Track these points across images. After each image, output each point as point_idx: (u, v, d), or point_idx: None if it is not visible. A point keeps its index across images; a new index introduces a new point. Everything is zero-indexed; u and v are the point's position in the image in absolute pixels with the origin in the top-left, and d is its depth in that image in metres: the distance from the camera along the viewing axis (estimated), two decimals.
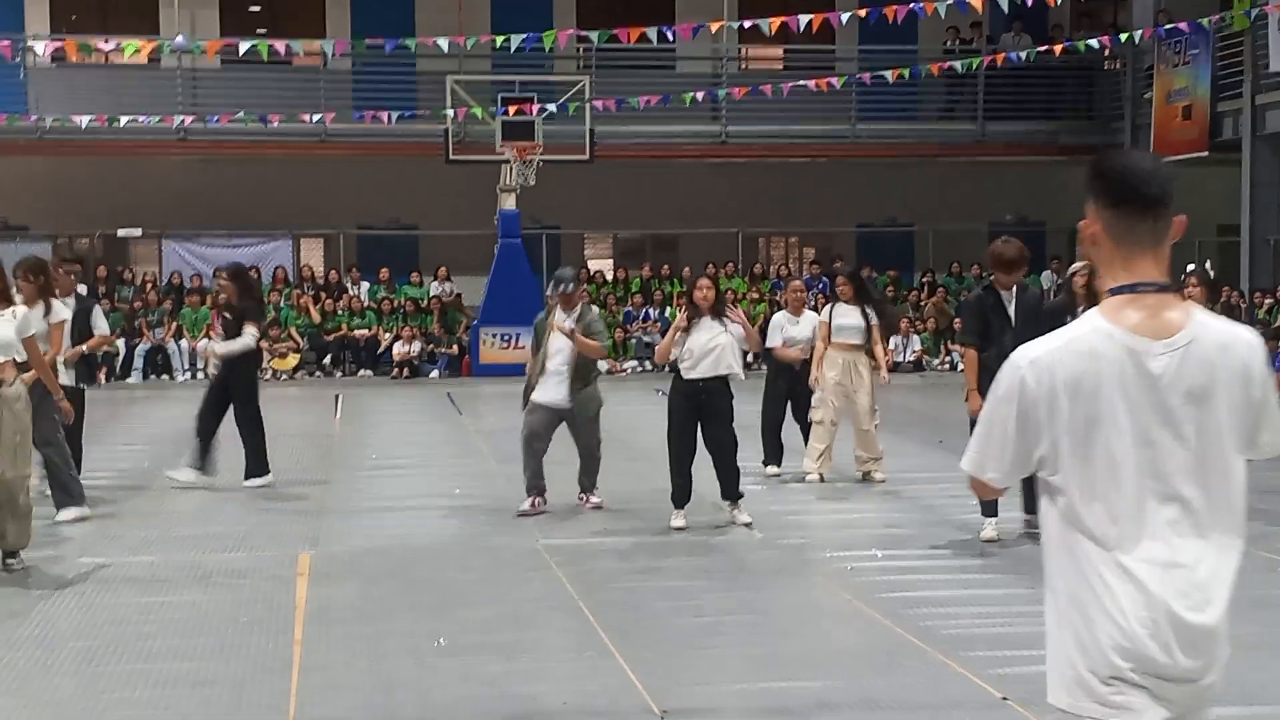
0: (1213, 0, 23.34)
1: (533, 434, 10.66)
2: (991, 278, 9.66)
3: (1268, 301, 21.48)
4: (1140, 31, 22.35)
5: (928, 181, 27.32)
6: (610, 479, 11.29)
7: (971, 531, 9.84)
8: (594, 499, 10.88)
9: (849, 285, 12.17)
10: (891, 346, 12.95)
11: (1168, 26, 21.65)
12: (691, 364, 9.93)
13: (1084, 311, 10.81)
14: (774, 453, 12.40)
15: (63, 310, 10.63)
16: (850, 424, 12.11)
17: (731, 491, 10.23)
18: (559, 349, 10.54)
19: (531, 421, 10.65)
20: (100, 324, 11.59)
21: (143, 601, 8.22)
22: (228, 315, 12.46)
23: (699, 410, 10.01)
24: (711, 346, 9.91)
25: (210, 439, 12.09)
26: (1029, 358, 3.13)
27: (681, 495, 10.13)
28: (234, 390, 12.09)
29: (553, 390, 10.55)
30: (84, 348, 11.20)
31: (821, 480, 11.97)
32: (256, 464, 12.13)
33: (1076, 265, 11.32)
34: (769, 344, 12.39)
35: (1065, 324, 8.67)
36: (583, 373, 10.62)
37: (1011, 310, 9.41)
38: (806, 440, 12.23)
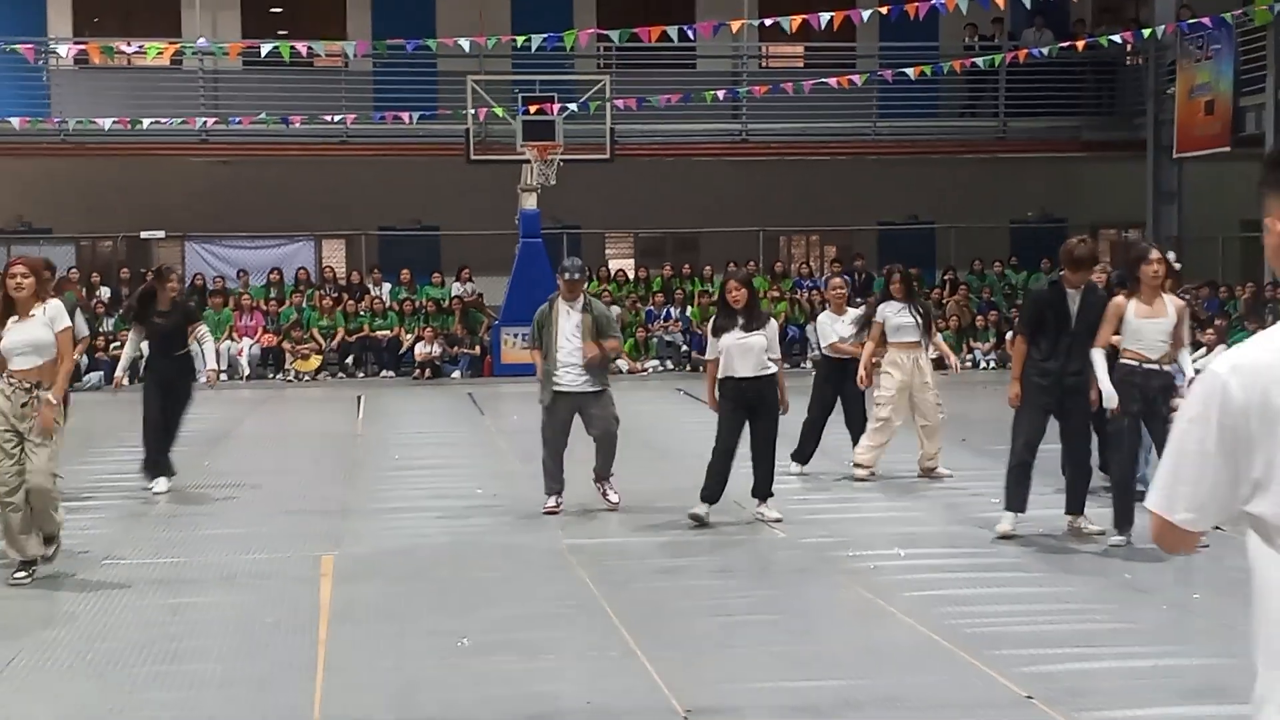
0: None
1: (555, 432, 10.62)
2: (1061, 274, 9.63)
3: None
4: (1162, 26, 22.26)
5: (949, 179, 27.24)
6: (632, 478, 11.29)
7: (991, 529, 9.82)
8: (612, 494, 10.76)
9: (902, 284, 12.08)
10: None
11: (1190, 21, 21.54)
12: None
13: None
14: (806, 454, 12.36)
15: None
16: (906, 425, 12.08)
17: (765, 489, 10.27)
18: (568, 337, 10.48)
19: (552, 420, 10.60)
20: (81, 328, 11.61)
21: (168, 603, 8.25)
22: (158, 320, 12.03)
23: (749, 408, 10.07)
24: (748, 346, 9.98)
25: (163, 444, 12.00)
26: (1231, 364, 2.66)
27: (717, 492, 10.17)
28: (180, 392, 12.02)
29: (571, 377, 10.51)
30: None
31: (873, 477, 11.97)
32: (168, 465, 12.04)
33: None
34: (824, 343, 12.38)
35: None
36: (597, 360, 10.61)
37: (1074, 309, 9.40)
38: (856, 441, 12.19)
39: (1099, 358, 9.07)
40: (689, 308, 24.80)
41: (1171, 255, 10.40)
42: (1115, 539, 9.15)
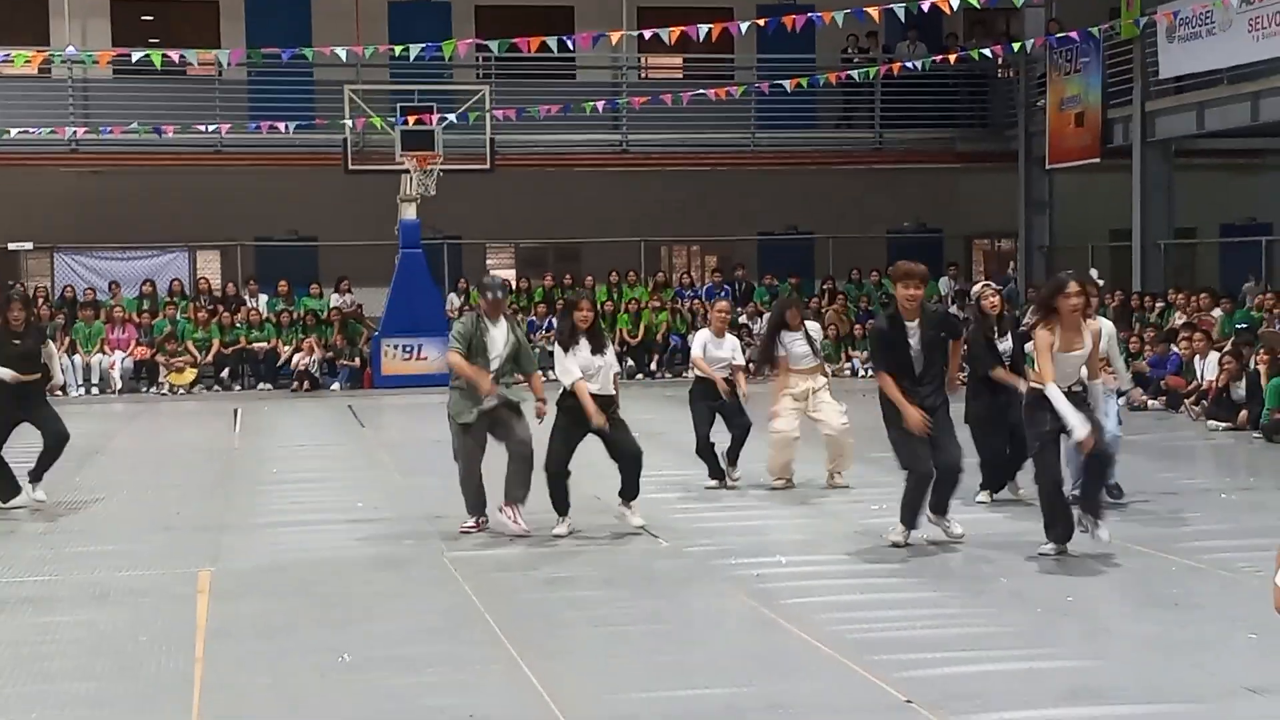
0: (1103, 9, 23.78)
1: (475, 447, 10.29)
2: (894, 297, 9.57)
3: (1158, 305, 21.89)
4: (1032, 40, 22.70)
5: (827, 189, 27.56)
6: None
7: (875, 537, 9.93)
8: (521, 521, 10.23)
9: (798, 314, 12.22)
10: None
11: (1059, 35, 21.99)
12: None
13: (996, 329, 10.56)
14: (719, 470, 12.33)
15: None
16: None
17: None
18: (497, 355, 10.25)
19: (476, 437, 10.27)
20: None
21: (39, 622, 8.06)
22: (15, 342, 11.65)
23: None
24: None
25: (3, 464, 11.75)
26: None
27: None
28: (39, 406, 11.76)
29: (490, 400, 10.23)
30: None
31: (789, 485, 12.12)
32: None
33: (980, 287, 11.52)
34: (692, 355, 12.44)
35: (993, 345, 8.57)
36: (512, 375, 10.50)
37: (913, 339, 9.28)
38: (734, 455, 12.24)
39: (1054, 391, 8.82)
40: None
41: (1094, 273, 10.48)
42: (1045, 547, 9.15)
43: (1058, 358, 8.92)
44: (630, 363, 24.23)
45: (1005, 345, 11.10)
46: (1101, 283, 13.42)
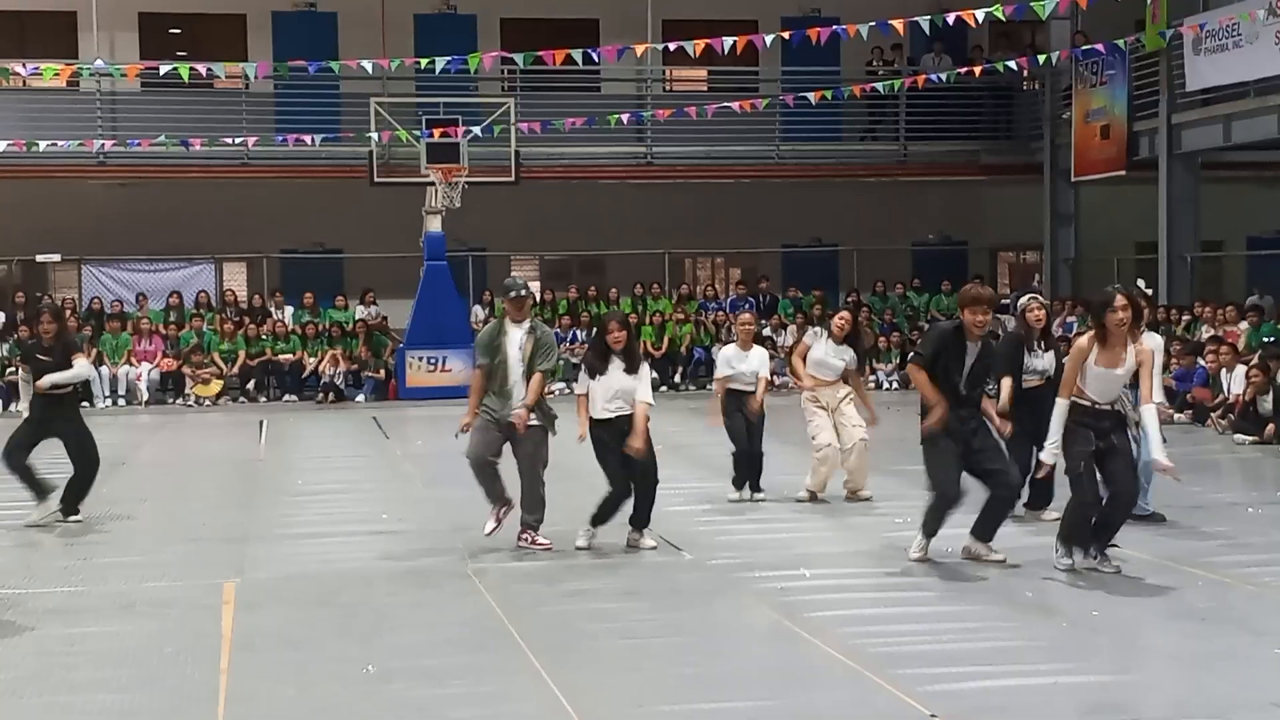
0: (1129, 21, 23.73)
1: (485, 451, 10.10)
2: (960, 318, 9.38)
3: (1185, 317, 21.81)
4: (1058, 53, 22.70)
5: (851, 202, 27.54)
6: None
7: (899, 551, 9.91)
8: (540, 539, 10.19)
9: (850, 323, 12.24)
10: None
11: (1085, 47, 21.97)
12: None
13: (1040, 343, 10.50)
14: (743, 480, 12.26)
15: None
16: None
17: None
18: (516, 361, 10.08)
19: (477, 441, 10.11)
20: None
21: (65, 633, 8.09)
22: (42, 356, 11.67)
23: None
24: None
25: (27, 469, 11.72)
26: None
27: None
28: (70, 424, 11.70)
29: (508, 406, 10.07)
30: None
31: (815, 500, 12.10)
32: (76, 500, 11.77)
33: (1026, 299, 11.31)
34: (717, 375, 12.39)
35: (1021, 355, 8.45)
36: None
37: (969, 359, 9.19)
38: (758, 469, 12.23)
39: (1061, 408, 8.84)
40: (595, 330, 24.77)
41: (1141, 283, 10.31)
42: (1062, 561, 9.07)
43: (1098, 374, 8.79)
44: (654, 375, 24.18)
45: (1042, 363, 10.86)
46: (1150, 292, 13.25)
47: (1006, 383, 10.59)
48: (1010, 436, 9.74)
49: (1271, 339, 18.91)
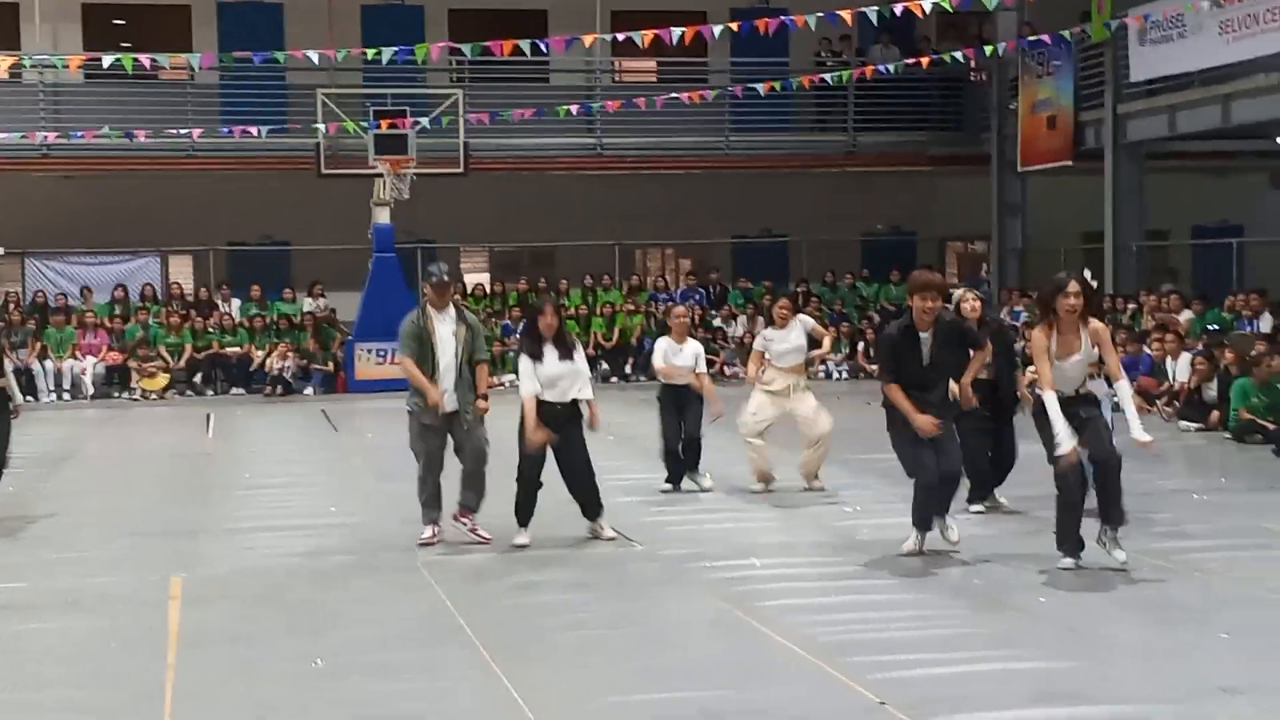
0: (1075, 12, 23.88)
1: (435, 450, 10.04)
2: (909, 307, 9.35)
3: (1130, 306, 21.99)
4: (1004, 44, 22.80)
5: (800, 193, 27.59)
6: (488, 493, 10.99)
7: (850, 539, 9.94)
8: (480, 529, 10.13)
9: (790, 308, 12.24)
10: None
11: (1031, 38, 22.07)
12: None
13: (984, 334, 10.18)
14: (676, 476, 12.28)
15: None
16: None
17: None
18: (445, 352, 9.96)
19: (431, 440, 10.03)
20: None
21: (11, 629, 8.01)
22: None
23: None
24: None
25: None
26: None
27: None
28: None
29: (449, 398, 10.00)
30: None
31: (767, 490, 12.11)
32: None
33: (962, 290, 11.31)
34: (655, 365, 12.39)
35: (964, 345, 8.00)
36: (470, 378, 10.15)
37: (925, 350, 9.15)
38: (694, 464, 12.21)
39: (1050, 400, 8.65)
40: None
41: (1087, 273, 10.36)
42: (1064, 562, 8.90)
43: (1060, 365, 8.76)
44: (605, 366, 24.22)
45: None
46: (1095, 283, 13.31)
47: (980, 356, 10.04)
48: (968, 407, 9.72)
49: (1216, 327, 19.10)
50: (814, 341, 12.40)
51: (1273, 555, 9.55)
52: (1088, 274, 10.78)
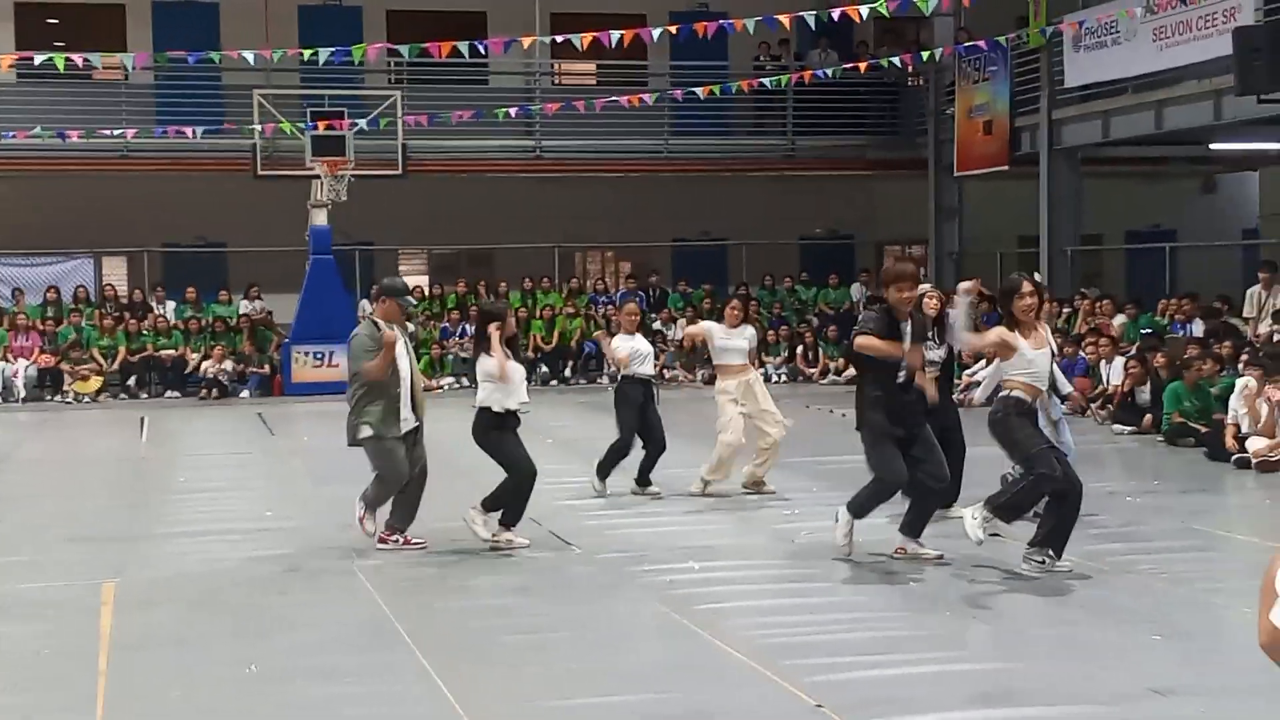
0: (1011, 18, 24.09)
1: (404, 465, 9.85)
2: (885, 296, 9.27)
3: (1065, 310, 22.20)
4: (941, 49, 22.96)
5: (740, 196, 27.68)
6: (428, 496, 10.81)
7: (788, 542, 9.97)
8: (412, 539, 10.01)
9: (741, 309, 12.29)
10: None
11: (967, 44, 22.25)
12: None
13: (935, 335, 10.39)
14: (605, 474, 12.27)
15: None
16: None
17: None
18: (404, 363, 9.85)
19: (399, 454, 9.80)
20: None
21: None
22: None
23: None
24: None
25: None
26: None
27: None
28: None
29: (407, 411, 9.88)
30: None
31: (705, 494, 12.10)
32: None
33: (925, 287, 11.29)
34: (616, 352, 12.38)
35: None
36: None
37: (906, 340, 9.06)
38: (653, 460, 12.16)
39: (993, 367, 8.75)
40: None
41: (1037, 275, 10.36)
42: (1061, 564, 8.84)
43: (1034, 357, 8.78)
44: (544, 369, 24.18)
45: (937, 354, 10.55)
46: (1045, 283, 13.48)
47: (971, 337, 9.95)
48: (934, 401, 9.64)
49: (1150, 331, 19.31)
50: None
51: (1205, 557, 9.67)
52: (1038, 276, 10.89)
